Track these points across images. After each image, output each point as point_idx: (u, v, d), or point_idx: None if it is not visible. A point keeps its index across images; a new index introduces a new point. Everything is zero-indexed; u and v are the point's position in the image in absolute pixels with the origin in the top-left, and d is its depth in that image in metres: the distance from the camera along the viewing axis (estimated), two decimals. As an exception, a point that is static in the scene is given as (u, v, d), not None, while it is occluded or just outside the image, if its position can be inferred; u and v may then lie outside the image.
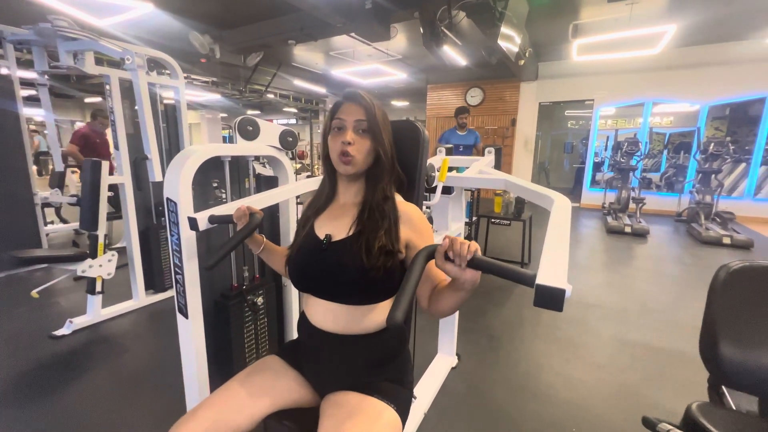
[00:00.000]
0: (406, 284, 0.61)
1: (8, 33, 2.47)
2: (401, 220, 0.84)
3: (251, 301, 1.51)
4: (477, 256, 0.64)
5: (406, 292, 0.60)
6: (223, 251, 0.90)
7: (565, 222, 0.80)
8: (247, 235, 0.93)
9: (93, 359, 1.97)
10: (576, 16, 4.79)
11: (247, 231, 0.92)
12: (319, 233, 0.87)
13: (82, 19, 3.76)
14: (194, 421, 0.77)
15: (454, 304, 0.75)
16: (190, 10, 4.78)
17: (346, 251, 0.81)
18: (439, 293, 0.78)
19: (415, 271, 0.64)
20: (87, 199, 2.19)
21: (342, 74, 7.61)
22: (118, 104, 2.26)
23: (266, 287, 1.59)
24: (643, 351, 2.10)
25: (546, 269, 0.61)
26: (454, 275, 0.67)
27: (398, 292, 0.60)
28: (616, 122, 7.39)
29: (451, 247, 0.64)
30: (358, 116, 0.82)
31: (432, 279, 0.81)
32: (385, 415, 0.78)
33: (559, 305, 0.56)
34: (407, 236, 0.83)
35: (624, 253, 4.12)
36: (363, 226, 0.82)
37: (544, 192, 1.05)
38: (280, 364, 0.91)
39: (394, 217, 0.83)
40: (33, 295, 2.10)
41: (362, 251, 0.78)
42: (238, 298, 1.47)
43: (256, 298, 1.52)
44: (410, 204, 0.88)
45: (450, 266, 0.66)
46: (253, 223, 0.93)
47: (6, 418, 1.53)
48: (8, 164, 3.04)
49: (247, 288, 1.52)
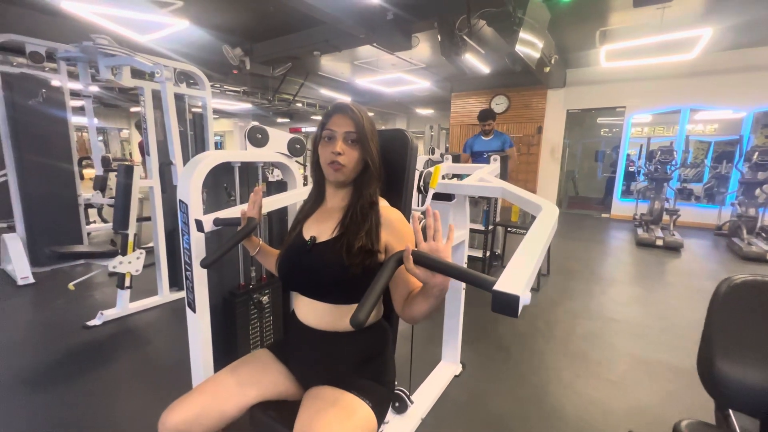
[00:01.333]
0: (374, 286, 0.64)
1: (60, 50, 2.74)
2: (383, 224, 0.87)
3: (257, 300, 1.58)
4: (446, 265, 0.65)
5: (372, 294, 0.63)
6: (221, 251, 0.97)
7: (545, 231, 0.81)
8: (243, 237, 1.00)
9: (120, 349, 2.12)
10: (604, 22, 4.67)
11: (242, 234, 0.99)
12: (306, 235, 0.92)
13: (127, 36, 4.10)
14: (186, 405, 0.84)
15: (426, 310, 0.76)
16: (223, 26, 5.08)
17: (328, 251, 0.86)
18: (411, 299, 0.80)
19: (384, 275, 0.66)
20: (120, 201, 2.38)
21: (367, 83, 7.76)
22: (150, 113, 2.44)
23: (272, 287, 1.66)
24: (661, 370, 1.99)
25: (508, 276, 0.62)
26: (423, 280, 0.69)
27: (365, 294, 0.63)
28: (653, 130, 7.07)
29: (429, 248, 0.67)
30: (347, 128, 0.87)
31: (407, 284, 0.83)
32: (360, 410, 0.81)
33: (514, 312, 0.57)
34: (386, 240, 0.86)
35: (653, 267, 3.91)
36: (346, 228, 0.86)
37: (536, 200, 1.06)
38: (269, 357, 0.97)
39: (376, 220, 0.86)
40: (70, 288, 2.29)
41: (343, 250, 0.83)
42: (244, 296, 1.55)
43: (262, 297, 1.60)
44: (393, 209, 0.91)
45: (419, 271, 0.68)
46: (249, 226, 1.00)
47: (42, 399, 1.68)
48: (56, 167, 3.34)
49: (253, 287, 1.60)
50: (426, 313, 0.77)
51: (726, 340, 0.92)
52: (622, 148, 6.92)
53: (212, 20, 4.84)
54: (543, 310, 2.75)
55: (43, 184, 3.24)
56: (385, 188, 0.96)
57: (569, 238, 5.27)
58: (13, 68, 3.14)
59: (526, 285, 0.60)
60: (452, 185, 1.48)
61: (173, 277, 2.78)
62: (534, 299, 2.94)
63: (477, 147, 4.01)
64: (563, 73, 7.01)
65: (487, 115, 3.89)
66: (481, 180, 1.39)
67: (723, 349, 0.92)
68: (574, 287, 3.24)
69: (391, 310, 1.02)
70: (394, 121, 13.92)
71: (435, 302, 0.74)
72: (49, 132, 3.27)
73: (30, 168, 3.15)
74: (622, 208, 6.93)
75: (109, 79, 2.16)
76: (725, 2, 3.99)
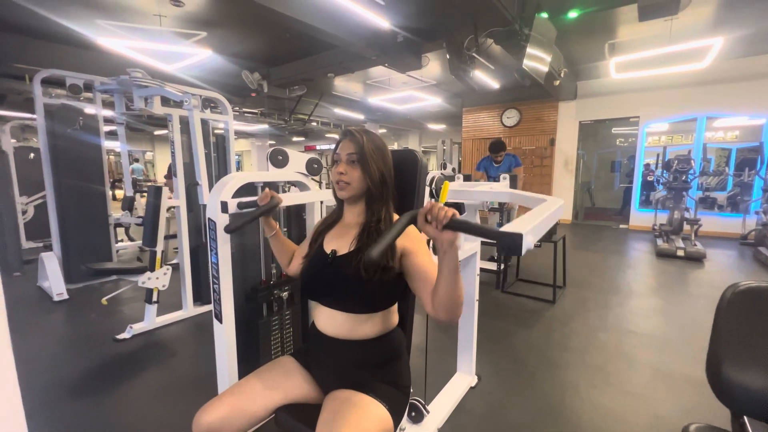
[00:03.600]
0: (387, 232, 0.72)
1: (97, 83, 2.99)
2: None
3: (277, 296, 1.66)
4: (453, 218, 0.72)
5: (387, 236, 0.71)
6: (244, 220, 1.07)
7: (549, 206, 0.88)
8: (266, 211, 1.09)
9: (147, 361, 2.23)
10: (612, 35, 4.73)
11: (266, 208, 1.09)
12: (327, 248, 1.00)
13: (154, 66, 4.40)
14: (217, 406, 0.91)
15: (447, 281, 0.78)
16: (242, 53, 5.38)
17: (347, 264, 0.93)
18: (435, 288, 0.83)
19: (398, 225, 0.74)
20: (149, 220, 2.53)
21: (379, 101, 7.98)
22: (178, 138, 2.62)
23: (292, 284, 1.74)
24: (682, 382, 1.96)
25: (512, 224, 0.69)
26: (433, 236, 0.75)
27: (379, 239, 0.70)
28: (671, 138, 6.97)
29: (430, 212, 0.74)
30: (349, 150, 0.97)
31: (424, 273, 0.88)
32: (377, 411, 0.87)
33: (518, 249, 0.65)
34: (402, 245, 0.92)
35: (674, 279, 3.83)
36: (362, 244, 0.94)
37: (542, 196, 1.13)
38: (292, 363, 1.04)
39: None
40: (102, 302, 2.43)
41: (361, 265, 0.90)
42: (265, 291, 1.64)
43: (282, 294, 1.68)
44: (411, 228, 0.99)
45: (429, 228, 0.75)
46: (272, 203, 1.10)
47: (79, 407, 1.78)
48: (90, 189, 3.56)
49: (274, 284, 1.69)
50: (450, 284, 0.78)
51: (733, 346, 0.94)
52: (638, 158, 6.85)
53: (232, 48, 5.14)
54: (559, 322, 2.74)
55: (78, 205, 3.46)
56: (398, 204, 1.04)
57: (586, 250, 5.20)
58: (54, 99, 3.42)
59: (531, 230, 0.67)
60: (464, 192, 1.56)
61: (197, 292, 2.90)
62: (549, 311, 2.93)
63: (492, 172, 4.42)
64: (574, 86, 7.05)
65: (498, 147, 4.25)
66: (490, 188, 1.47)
67: (730, 355, 0.94)
68: (591, 299, 3.20)
69: (405, 319, 1.08)
70: (407, 137, 14.12)
71: (451, 263, 0.76)
72: (84, 157, 3.51)
73: (66, 190, 3.38)
74: (641, 219, 6.80)
75: (142, 108, 2.35)
76: (734, 12, 4.00)
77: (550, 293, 3.16)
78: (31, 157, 4.99)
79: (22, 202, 4.69)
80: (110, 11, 3.95)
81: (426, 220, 0.74)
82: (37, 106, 3.16)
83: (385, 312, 0.98)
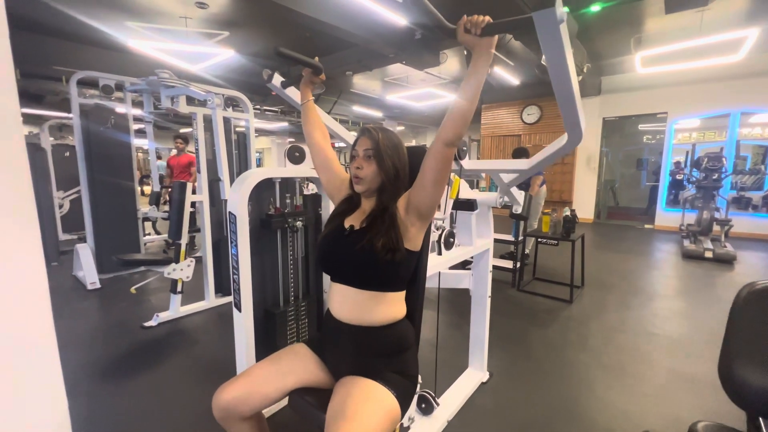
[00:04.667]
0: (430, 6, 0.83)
1: (128, 84, 3.14)
2: (399, 206, 1.00)
3: (291, 224, 1.70)
4: (488, 23, 0.78)
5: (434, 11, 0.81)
6: (293, 54, 1.05)
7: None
8: (310, 64, 1.10)
9: (172, 347, 2.35)
10: (638, 28, 4.57)
11: (312, 62, 1.10)
12: (345, 224, 1.06)
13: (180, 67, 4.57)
14: (234, 386, 0.97)
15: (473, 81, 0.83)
16: (263, 52, 5.50)
17: (360, 240, 0.97)
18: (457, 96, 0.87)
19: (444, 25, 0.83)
20: (174, 214, 2.66)
21: (397, 99, 7.99)
22: (202, 135, 2.73)
23: (306, 216, 1.78)
24: (702, 385, 1.91)
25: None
26: (472, 42, 0.81)
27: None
28: (703, 135, 6.67)
29: (469, 21, 0.80)
30: (366, 146, 1.01)
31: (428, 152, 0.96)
32: (385, 398, 0.90)
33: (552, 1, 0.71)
34: (404, 201, 1.00)
35: (700, 281, 3.69)
36: (369, 224, 0.99)
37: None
38: (305, 350, 1.09)
39: (390, 220, 0.97)
40: (132, 291, 2.57)
41: (371, 243, 0.94)
42: (280, 218, 1.68)
43: (296, 223, 1.71)
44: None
45: (468, 37, 0.80)
46: (317, 63, 1.11)
47: (106, 387, 1.91)
48: (121, 185, 3.75)
49: (288, 212, 1.73)
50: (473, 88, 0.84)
51: (747, 346, 0.93)
52: (665, 155, 6.59)
53: (254, 47, 5.27)
54: (576, 322, 2.70)
55: (110, 200, 3.65)
56: None
57: (607, 250, 5.07)
58: (88, 99, 3.62)
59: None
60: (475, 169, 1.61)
61: (219, 283, 3.02)
62: (566, 311, 2.89)
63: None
64: (598, 81, 6.86)
65: (521, 154, 4.10)
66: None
67: (744, 355, 0.92)
68: (610, 300, 3.14)
69: (415, 311, 1.11)
70: (425, 134, 14.06)
71: (483, 64, 0.82)
72: (115, 154, 3.69)
73: (99, 186, 3.57)
74: (667, 219, 6.56)
75: (169, 107, 2.46)
76: (772, 1, 3.79)
77: (567, 293, 3.11)
78: (67, 155, 5.29)
79: (58, 196, 4.98)
80: (139, 14, 4.13)
81: (465, 29, 0.80)
82: (73, 106, 3.35)
83: (393, 299, 1.01)
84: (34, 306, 0.66)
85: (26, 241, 0.62)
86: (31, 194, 0.62)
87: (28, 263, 0.63)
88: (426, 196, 0.96)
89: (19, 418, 0.63)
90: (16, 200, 0.60)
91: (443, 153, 0.91)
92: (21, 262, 0.62)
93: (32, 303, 0.65)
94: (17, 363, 0.63)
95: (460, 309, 2.91)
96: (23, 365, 0.64)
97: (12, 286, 0.62)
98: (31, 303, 0.65)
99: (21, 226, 0.61)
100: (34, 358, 0.66)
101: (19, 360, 0.63)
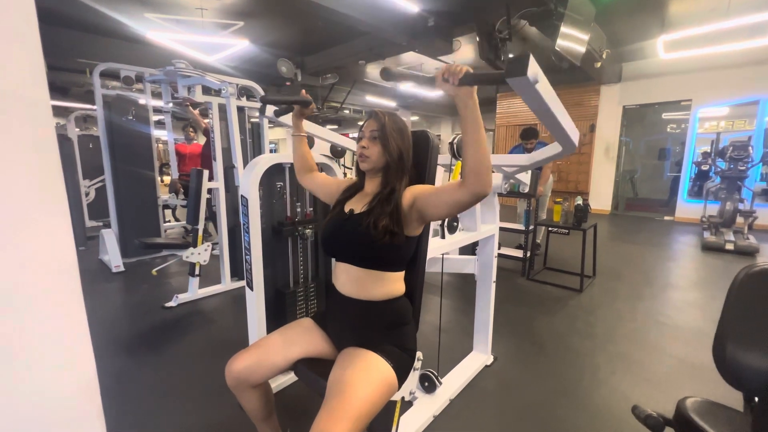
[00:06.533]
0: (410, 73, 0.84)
1: (147, 74, 3.25)
2: (405, 196, 1.03)
3: (302, 232, 1.80)
4: (467, 73, 0.80)
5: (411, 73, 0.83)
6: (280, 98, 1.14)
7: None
8: (300, 102, 1.18)
9: (191, 326, 2.47)
10: (660, 11, 4.40)
11: (301, 99, 1.17)
12: (346, 209, 1.11)
13: (196, 58, 4.68)
14: (245, 356, 1.05)
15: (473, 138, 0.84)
16: (277, 42, 5.55)
17: (360, 222, 1.02)
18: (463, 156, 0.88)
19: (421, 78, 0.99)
20: (192, 200, 2.77)
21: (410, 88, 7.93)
22: (217, 125, 2.81)
23: (315, 223, 1.88)
24: (708, 372, 1.90)
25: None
26: (452, 93, 0.83)
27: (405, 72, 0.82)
28: (732, 124, 6.39)
29: (447, 70, 0.82)
30: (372, 128, 1.06)
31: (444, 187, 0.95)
32: (383, 368, 0.96)
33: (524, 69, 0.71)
34: (411, 195, 1.02)
35: (717, 273, 3.60)
36: (372, 208, 1.03)
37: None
38: (310, 323, 1.16)
39: (395, 204, 1.01)
40: (153, 273, 2.71)
41: (371, 225, 0.99)
42: (291, 227, 1.79)
43: (306, 230, 1.82)
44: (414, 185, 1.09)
45: (447, 86, 0.83)
46: (306, 98, 1.19)
47: (124, 364, 2.04)
48: (142, 173, 3.91)
49: (299, 221, 1.83)
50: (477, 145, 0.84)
51: (740, 326, 0.94)
52: (688, 145, 6.36)
53: (267, 38, 5.33)
54: (584, 311, 2.70)
55: (132, 188, 3.81)
56: (415, 179, 1.12)
57: (623, 241, 4.98)
58: (110, 91, 3.76)
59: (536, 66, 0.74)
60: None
61: (234, 268, 3.14)
62: (575, 300, 2.89)
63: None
64: (618, 67, 6.64)
65: (530, 134, 3.88)
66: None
67: (736, 335, 0.94)
68: (621, 290, 3.11)
69: (414, 290, 1.16)
70: (440, 123, 13.92)
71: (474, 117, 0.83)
72: (136, 143, 3.84)
73: (122, 174, 3.72)
74: (688, 210, 6.36)
75: (185, 96, 2.55)
76: (807, -21, 3.59)
77: (577, 282, 3.10)
78: (90, 147, 5.51)
79: (84, 184, 5.22)
80: (158, 5, 4.23)
81: (443, 79, 0.82)
82: (96, 97, 3.49)
83: (393, 278, 1.06)
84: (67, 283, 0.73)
85: (58, 225, 0.68)
86: (62, 182, 0.67)
87: (60, 246, 0.70)
88: (435, 214, 0.99)
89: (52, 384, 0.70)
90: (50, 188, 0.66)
91: (470, 202, 0.90)
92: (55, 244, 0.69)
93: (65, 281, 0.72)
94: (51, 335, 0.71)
95: (466, 295, 2.94)
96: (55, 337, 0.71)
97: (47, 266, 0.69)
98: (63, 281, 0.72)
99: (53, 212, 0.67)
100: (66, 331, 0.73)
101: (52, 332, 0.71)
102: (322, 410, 0.83)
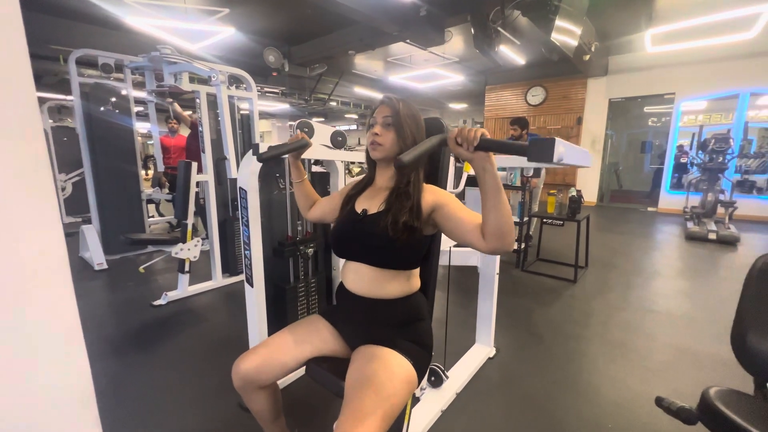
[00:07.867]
0: (421, 144, 0.79)
1: (128, 61, 3.08)
2: (425, 197, 0.97)
3: (303, 251, 1.75)
4: (483, 138, 0.75)
5: (420, 147, 0.78)
6: (276, 152, 1.08)
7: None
8: (297, 148, 1.12)
9: (181, 325, 2.38)
10: (651, 3, 4.44)
11: (297, 145, 1.11)
12: (358, 208, 1.05)
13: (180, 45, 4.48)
14: (253, 356, 0.99)
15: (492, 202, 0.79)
16: (263, 30, 5.38)
17: (376, 223, 0.97)
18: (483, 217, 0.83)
19: (430, 141, 0.80)
20: (180, 194, 2.65)
21: (399, 79, 7.85)
22: (206, 115, 2.69)
23: (317, 242, 1.84)
24: (704, 358, 1.94)
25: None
26: (465, 157, 0.79)
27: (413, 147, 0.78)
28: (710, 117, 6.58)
29: (460, 134, 0.77)
30: (385, 113, 1.00)
31: (464, 220, 0.89)
32: (403, 364, 0.92)
33: (549, 156, 0.67)
34: (433, 200, 0.95)
35: (702, 261, 3.71)
36: (391, 205, 0.97)
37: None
38: (321, 321, 1.10)
39: (417, 199, 0.96)
40: (140, 271, 2.59)
41: (389, 224, 0.94)
42: (291, 247, 1.74)
43: (307, 249, 1.78)
44: (437, 188, 1.02)
45: (460, 150, 0.78)
46: (302, 142, 1.12)
47: (115, 366, 1.94)
48: (124, 167, 3.73)
49: (300, 240, 1.79)
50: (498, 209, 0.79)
51: (759, 314, 0.94)
52: (671, 138, 6.52)
53: (254, 26, 5.15)
54: (579, 301, 2.73)
55: (114, 182, 3.64)
56: (429, 169, 1.07)
57: (611, 232, 5.08)
58: (88, 79, 3.55)
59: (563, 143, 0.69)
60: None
61: (225, 264, 3.04)
62: (570, 290, 2.92)
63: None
64: (605, 61, 6.72)
65: (514, 120, 3.78)
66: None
67: (756, 323, 0.94)
68: (613, 279, 3.16)
69: (429, 285, 1.12)
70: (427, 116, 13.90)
71: (491, 181, 0.78)
72: (117, 135, 3.65)
73: (103, 168, 3.54)
74: (671, 201, 6.55)
75: (172, 84, 2.42)
76: (789, -25, 3.67)
77: (571, 273, 3.13)
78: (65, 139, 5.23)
79: (60, 179, 4.97)
80: (137, -10, 4.01)
81: (457, 142, 0.78)
82: (73, 86, 3.30)
83: (408, 274, 1.02)
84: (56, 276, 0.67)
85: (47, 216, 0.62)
86: (50, 175, 0.61)
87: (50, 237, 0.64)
88: (448, 235, 0.95)
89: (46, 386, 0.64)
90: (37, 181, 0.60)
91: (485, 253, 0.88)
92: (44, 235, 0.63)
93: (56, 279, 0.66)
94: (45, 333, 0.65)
95: (465, 288, 2.94)
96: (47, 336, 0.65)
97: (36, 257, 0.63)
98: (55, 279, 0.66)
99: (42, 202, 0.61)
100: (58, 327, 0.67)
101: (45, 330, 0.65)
102: (346, 409, 0.78)
